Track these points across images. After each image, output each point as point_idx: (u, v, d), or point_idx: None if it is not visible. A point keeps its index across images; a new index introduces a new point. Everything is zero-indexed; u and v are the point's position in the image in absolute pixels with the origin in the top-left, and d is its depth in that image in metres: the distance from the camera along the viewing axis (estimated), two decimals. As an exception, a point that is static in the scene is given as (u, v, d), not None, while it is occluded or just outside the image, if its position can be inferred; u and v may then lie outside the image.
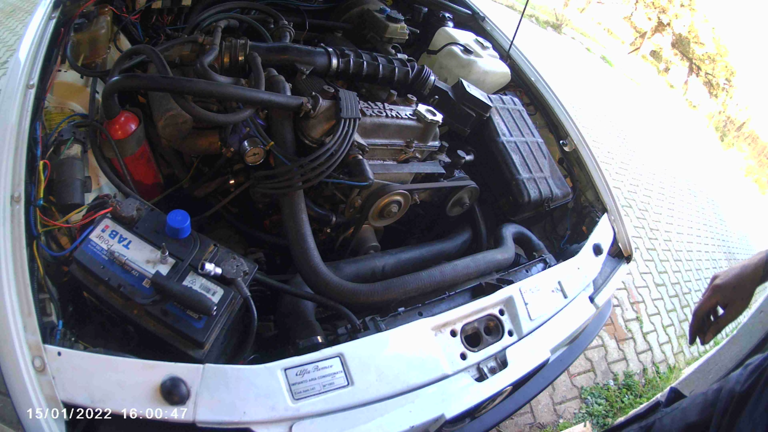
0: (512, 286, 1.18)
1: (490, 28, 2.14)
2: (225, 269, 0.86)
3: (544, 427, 2.09)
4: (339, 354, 0.88)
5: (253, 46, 1.24)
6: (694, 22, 17.84)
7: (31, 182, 0.87)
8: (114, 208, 0.87)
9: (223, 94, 1.03)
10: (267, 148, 1.13)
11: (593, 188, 1.67)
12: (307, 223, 1.10)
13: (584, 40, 13.39)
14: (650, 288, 3.44)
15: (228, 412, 0.75)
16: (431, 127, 1.38)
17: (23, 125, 0.91)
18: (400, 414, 0.88)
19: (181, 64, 1.22)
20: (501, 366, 1.06)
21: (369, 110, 1.27)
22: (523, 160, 1.59)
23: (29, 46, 1.06)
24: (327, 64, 1.33)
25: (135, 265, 0.82)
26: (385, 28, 1.66)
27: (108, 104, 1.04)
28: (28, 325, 0.72)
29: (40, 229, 0.84)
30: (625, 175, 5.16)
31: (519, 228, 1.53)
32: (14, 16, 4.06)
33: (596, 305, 1.33)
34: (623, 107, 8.27)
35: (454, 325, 1.05)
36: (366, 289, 1.08)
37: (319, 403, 0.82)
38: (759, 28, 18.30)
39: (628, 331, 2.91)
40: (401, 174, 1.36)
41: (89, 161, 1.04)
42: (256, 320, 0.91)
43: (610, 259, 1.50)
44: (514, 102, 1.80)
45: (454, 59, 1.78)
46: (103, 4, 1.31)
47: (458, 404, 0.95)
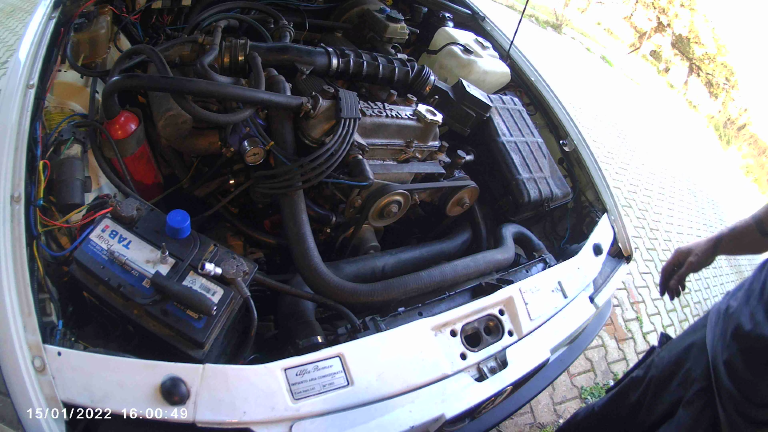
0: (512, 286, 1.18)
1: (490, 28, 2.14)
2: (225, 269, 0.86)
3: (544, 427, 2.09)
4: (339, 354, 0.88)
5: (253, 46, 1.24)
6: (694, 22, 17.85)
7: (31, 182, 0.87)
8: (114, 208, 0.87)
9: (223, 94, 1.03)
10: (267, 148, 1.13)
11: (593, 188, 1.67)
12: (307, 223, 1.10)
13: (584, 40, 13.39)
14: (650, 288, 3.44)
15: (228, 412, 0.75)
16: (431, 127, 1.38)
17: (23, 125, 0.91)
18: (400, 414, 0.88)
19: (181, 64, 1.22)
20: (501, 366, 1.06)
21: (369, 110, 1.27)
22: (523, 160, 1.59)
23: (29, 46, 1.06)
24: (327, 64, 1.33)
25: (135, 265, 0.82)
26: (385, 28, 1.66)
27: (108, 104, 1.04)
28: (28, 325, 0.72)
29: (40, 229, 0.84)
30: (625, 175, 5.16)
31: (519, 228, 1.54)
32: (14, 16, 4.06)
33: (596, 305, 1.33)
34: (623, 107, 8.26)
35: (454, 325, 1.05)
36: (366, 289, 1.08)
37: (319, 403, 0.82)
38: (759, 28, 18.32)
39: (628, 331, 2.91)
40: (401, 174, 1.36)
41: (89, 161, 1.04)
42: (256, 320, 0.91)
43: (610, 259, 1.50)
44: (514, 102, 1.80)
45: (454, 59, 1.78)
46: (103, 4, 1.31)
47: (458, 404, 0.95)
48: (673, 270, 1.30)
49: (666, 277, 1.32)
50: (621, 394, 1.41)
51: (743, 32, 18.56)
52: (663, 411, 1.22)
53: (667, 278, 1.31)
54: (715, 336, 1.13)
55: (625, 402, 1.36)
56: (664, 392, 1.24)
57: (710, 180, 7.73)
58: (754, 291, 1.06)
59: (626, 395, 1.37)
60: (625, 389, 1.39)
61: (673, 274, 1.29)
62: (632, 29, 18.67)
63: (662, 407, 1.22)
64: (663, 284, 1.32)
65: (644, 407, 1.29)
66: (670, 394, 1.21)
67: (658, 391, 1.26)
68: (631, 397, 1.34)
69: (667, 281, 1.31)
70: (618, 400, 1.41)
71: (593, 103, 7.09)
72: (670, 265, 1.30)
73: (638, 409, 1.31)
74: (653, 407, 1.26)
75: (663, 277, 1.32)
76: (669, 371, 1.25)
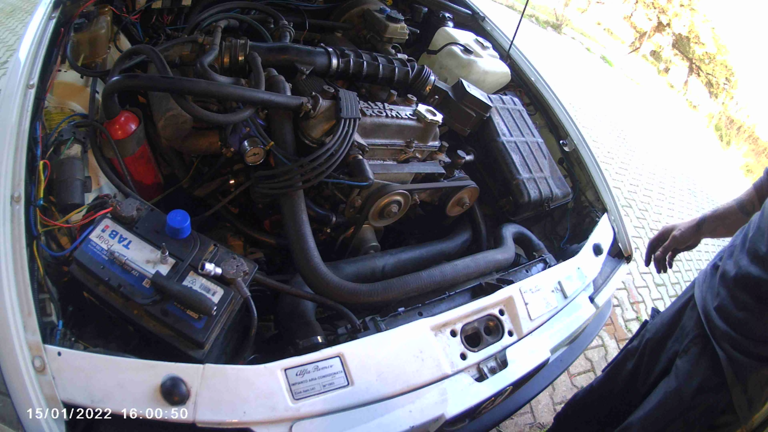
0: (512, 286, 1.18)
1: (490, 28, 2.14)
2: (225, 269, 0.86)
3: (544, 427, 2.09)
4: (339, 354, 0.88)
5: (253, 46, 1.24)
6: (694, 22, 17.83)
7: (31, 182, 0.87)
8: (114, 208, 0.87)
9: (223, 94, 1.03)
10: (267, 148, 1.13)
11: (593, 188, 1.67)
12: (307, 223, 1.10)
13: (584, 40, 13.38)
14: (650, 288, 3.44)
15: (228, 412, 0.75)
16: (431, 127, 1.38)
17: (23, 125, 0.91)
18: (400, 414, 0.88)
19: (181, 64, 1.22)
20: (501, 366, 1.06)
21: (369, 110, 1.27)
22: (523, 160, 1.59)
23: (29, 46, 1.06)
24: (327, 64, 1.33)
25: (135, 265, 0.82)
26: (385, 28, 1.66)
27: (108, 104, 1.04)
28: (28, 325, 0.72)
29: (40, 229, 0.84)
30: (625, 175, 5.16)
31: (519, 228, 1.53)
32: (14, 16, 4.06)
33: (596, 305, 1.33)
34: (623, 107, 8.25)
35: (454, 325, 1.05)
36: (366, 289, 1.08)
37: (319, 403, 0.82)
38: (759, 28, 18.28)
39: (628, 331, 2.91)
40: (401, 174, 1.36)
41: (89, 161, 1.04)
42: (256, 320, 0.91)
43: (610, 259, 1.50)
44: (514, 102, 1.80)
45: (454, 59, 1.78)
46: (103, 4, 1.31)
47: (458, 404, 0.95)
48: (658, 243, 1.37)
49: (651, 249, 1.40)
50: (617, 365, 1.43)
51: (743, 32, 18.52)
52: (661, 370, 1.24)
53: (652, 250, 1.39)
54: (704, 291, 1.17)
55: (622, 373, 1.39)
56: (660, 353, 1.27)
57: (710, 180, 7.71)
58: (736, 245, 1.10)
59: (623, 366, 1.40)
60: (621, 361, 1.42)
61: (658, 248, 1.37)
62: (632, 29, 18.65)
63: (659, 366, 1.25)
64: (648, 255, 1.41)
65: (641, 373, 1.32)
66: (666, 353, 1.25)
67: (653, 353, 1.29)
68: (627, 367, 1.37)
69: (651, 253, 1.40)
70: (615, 372, 1.43)
71: (593, 103, 7.08)
72: (655, 239, 1.38)
73: (635, 377, 1.34)
74: (650, 369, 1.28)
75: (648, 249, 1.41)
76: (663, 332, 1.29)
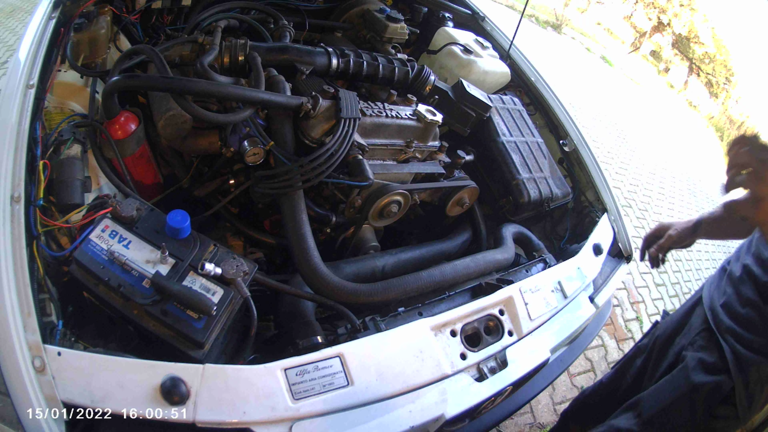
0: (512, 286, 1.18)
1: (490, 28, 2.14)
2: (225, 269, 0.86)
3: (544, 427, 2.09)
4: (339, 354, 0.88)
5: (253, 46, 1.24)
6: (694, 22, 17.83)
7: (31, 182, 0.87)
8: (114, 208, 0.87)
9: (223, 94, 1.03)
10: (267, 148, 1.13)
11: (593, 188, 1.67)
12: (307, 223, 1.10)
13: (584, 40, 13.37)
14: (650, 288, 3.44)
15: (228, 412, 0.75)
16: (431, 127, 1.38)
17: (23, 125, 0.91)
18: (400, 414, 0.88)
19: (181, 64, 1.22)
20: (501, 366, 1.06)
21: (369, 110, 1.27)
22: (523, 160, 1.59)
23: (29, 46, 1.06)
24: (327, 64, 1.33)
25: (135, 265, 0.82)
26: (385, 28, 1.66)
27: (108, 104, 1.04)
28: (28, 325, 0.72)
29: (40, 229, 0.84)
30: (625, 175, 5.16)
31: (519, 228, 1.53)
32: (14, 16, 4.06)
33: (596, 305, 1.33)
34: (623, 107, 8.25)
35: (454, 325, 1.05)
36: (366, 289, 1.08)
37: (319, 403, 0.82)
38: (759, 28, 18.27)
39: (628, 331, 2.91)
40: (401, 174, 1.36)
41: (89, 161, 1.04)
42: (256, 320, 0.91)
43: (610, 259, 1.50)
44: (514, 102, 1.80)
45: (454, 59, 1.78)
46: (103, 4, 1.31)
47: (458, 404, 0.95)
48: (654, 240, 1.39)
49: (646, 245, 1.41)
50: (627, 362, 1.45)
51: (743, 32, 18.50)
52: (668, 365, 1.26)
53: (647, 246, 1.41)
54: (711, 291, 1.22)
55: (631, 369, 1.41)
56: (668, 348, 1.29)
57: (710, 180, 7.71)
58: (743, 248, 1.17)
59: (632, 362, 1.42)
60: (631, 357, 1.44)
61: (653, 244, 1.38)
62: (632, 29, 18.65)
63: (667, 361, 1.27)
64: (643, 250, 1.42)
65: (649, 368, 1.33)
66: (674, 347, 1.27)
67: (662, 349, 1.32)
68: (636, 363, 1.39)
69: (646, 249, 1.41)
70: (624, 369, 1.45)
71: (593, 103, 7.08)
72: (651, 235, 1.40)
73: (644, 373, 1.35)
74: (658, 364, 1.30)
75: (643, 244, 1.42)
76: (673, 330, 1.31)
